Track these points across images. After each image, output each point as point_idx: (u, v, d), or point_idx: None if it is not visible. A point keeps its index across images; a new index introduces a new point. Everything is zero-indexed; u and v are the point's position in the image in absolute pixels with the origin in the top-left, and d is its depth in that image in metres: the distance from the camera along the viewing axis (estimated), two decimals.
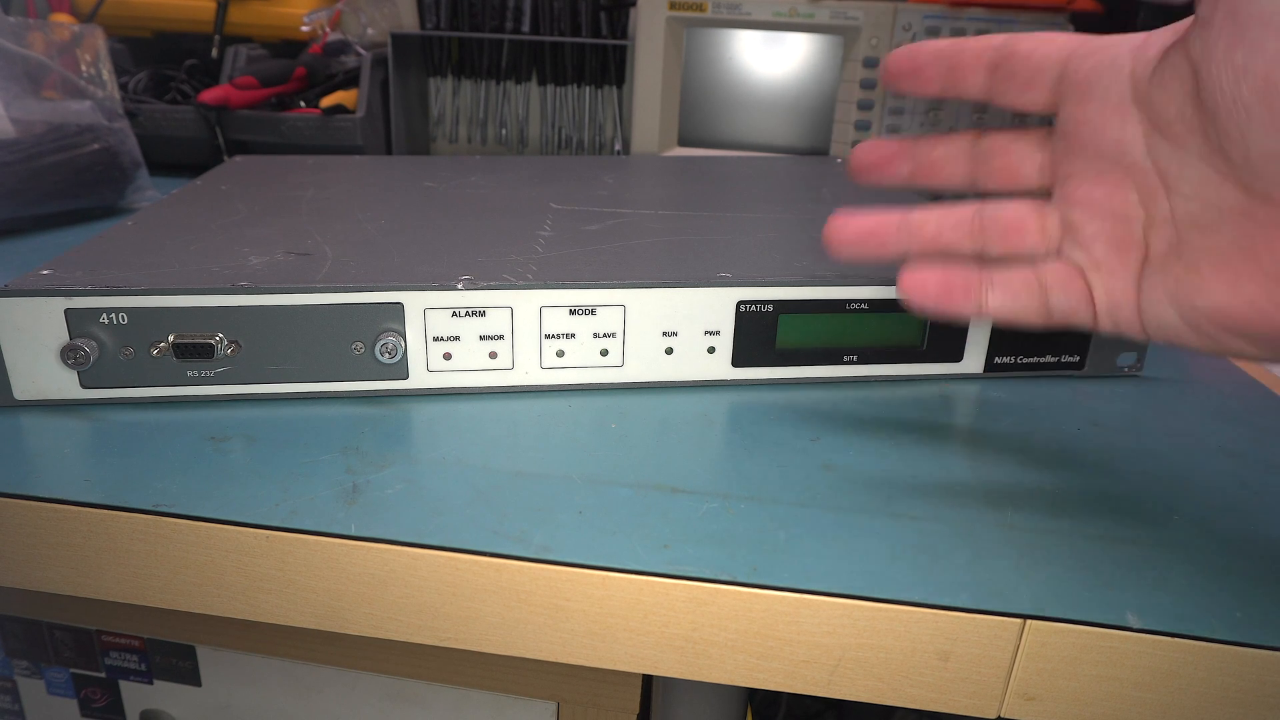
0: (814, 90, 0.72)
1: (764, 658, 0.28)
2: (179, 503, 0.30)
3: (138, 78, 0.78)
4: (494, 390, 0.38)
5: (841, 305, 0.39)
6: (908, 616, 0.27)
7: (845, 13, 0.67)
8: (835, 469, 0.33)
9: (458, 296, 0.36)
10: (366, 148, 0.74)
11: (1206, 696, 0.27)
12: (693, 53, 0.72)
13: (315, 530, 0.29)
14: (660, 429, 0.36)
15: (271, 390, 0.36)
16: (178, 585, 0.30)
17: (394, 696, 0.44)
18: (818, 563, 0.28)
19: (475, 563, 0.28)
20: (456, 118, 0.85)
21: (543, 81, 0.82)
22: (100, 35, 0.65)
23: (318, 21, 0.78)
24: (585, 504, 0.30)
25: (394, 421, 0.36)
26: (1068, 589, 0.27)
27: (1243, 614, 0.26)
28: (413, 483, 0.31)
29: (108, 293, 0.34)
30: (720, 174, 0.62)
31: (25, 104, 0.58)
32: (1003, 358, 0.41)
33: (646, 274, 0.38)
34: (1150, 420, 0.38)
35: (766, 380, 0.40)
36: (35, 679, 0.48)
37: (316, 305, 0.35)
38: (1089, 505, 0.31)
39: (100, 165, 0.60)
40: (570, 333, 0.37)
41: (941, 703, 0.28)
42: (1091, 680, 0.27)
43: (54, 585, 0.31)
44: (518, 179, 0.57)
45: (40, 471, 0.31)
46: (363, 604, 0.29)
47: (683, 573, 0.27)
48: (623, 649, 0.29)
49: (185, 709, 0.47)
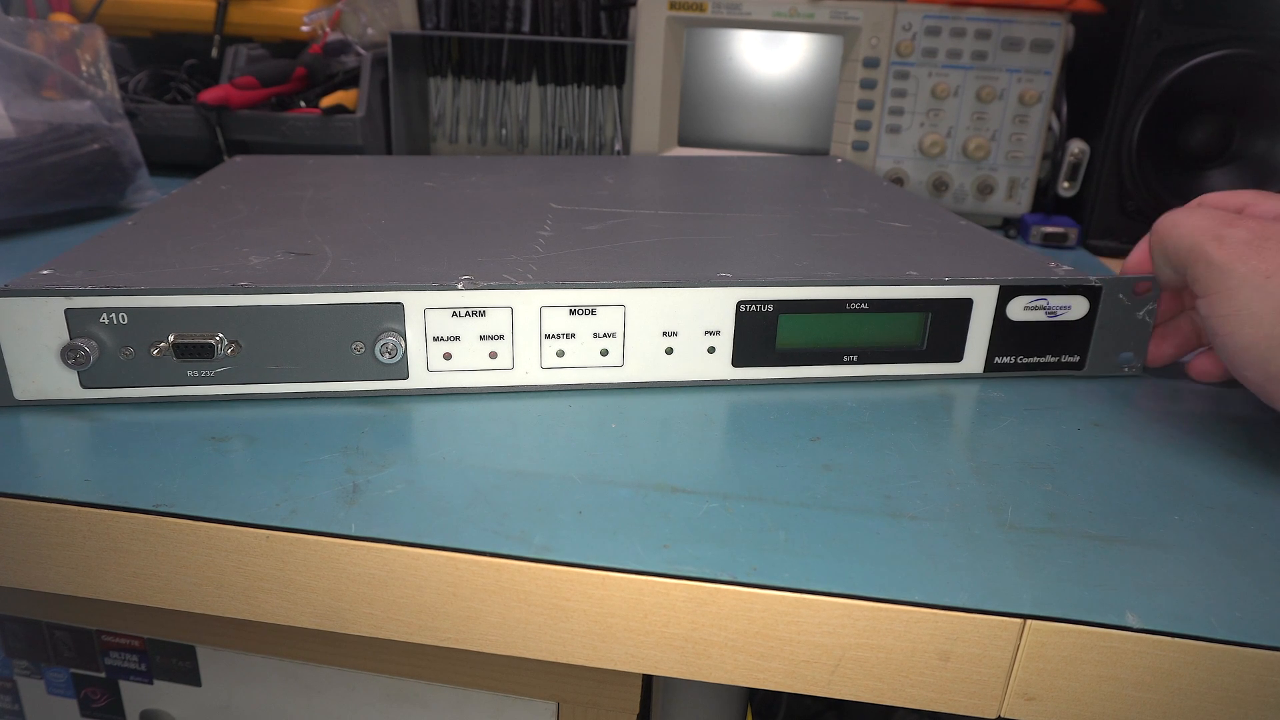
0: (814, 90, 0.72)
1: (764, 658, 0.28)
2: (179, 503, 0.30)
3: (138, 78, 0.78)
4: (494, 390, 0.38)
5: (841, 305, 0.39)
6: (908, 616, 0.27)
7: (845, 13, 0.67)
8: (835, 469, 0.33)
9: (458, 296, 0.36)
10: (366, 148, 0.74)
11: (1206, 696, 0.27)
12: (693, 53, 0.72)
13: (315, 530, 0.29)
14: (660, 429, 0.36)
15: (271, 390, 0.36)
16: (178, 585, 0.30)
17: (394, 696, 0.44)
18: (818, 563, 0.28)
19: (475, 563, 0.28)
20: (456, 118, 0.85)
21: (543, 81, 0.83)
22: (100, 35, 0.65)
23: (318, 21, 0.78)
24: (585, 504, 0.30)
25: (394, 421, 0.36)
26: (1068, 589, 0.27)
27: (1243, 614, 0.26)
28: (413, 483, 0.31)
29: (108, 293, 0.34)
30: (720, 174, 0.62)
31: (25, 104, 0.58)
32: (1003, 358, 0.41)
33: (646, 274, 0.38)
34: (1150, 420, 0.38)
35: (766, 380, 0.40)
36: (35, 679, 0.48)
37: (316, 305, 0.35)
38: (1089, 505, 0.31)
39: (100, 165, 0.60)
40: (570, 333, 0.37)
41: (941, 703, 0.28)
42: (1091, 680, 0.27)
43: (54, 585, 0.31)
44: (518, 179, 0.57)
45: (40, 471, 0.31)
46: (363, 604, 0.29)
47: (683, 573, 0.27)
48: (623, 649, 0.29)
49: (185, 709, 0.47)
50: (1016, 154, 0.69)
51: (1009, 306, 0.40)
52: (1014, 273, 0.40)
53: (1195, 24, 0.63)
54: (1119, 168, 0.68)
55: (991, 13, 0.66)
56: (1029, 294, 0.40)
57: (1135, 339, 0.41)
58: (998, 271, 0.40)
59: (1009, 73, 0.67)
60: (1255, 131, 0.67)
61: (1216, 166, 0.69)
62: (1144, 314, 0.41)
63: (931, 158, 0.70)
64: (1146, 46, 0.64)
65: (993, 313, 0.40)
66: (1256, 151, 0.68)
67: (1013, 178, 0.70)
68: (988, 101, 0.68)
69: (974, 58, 0.67)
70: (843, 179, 0.61)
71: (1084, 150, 0.68)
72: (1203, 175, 0.69)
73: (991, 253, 0.44)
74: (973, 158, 0.69)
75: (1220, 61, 0.64)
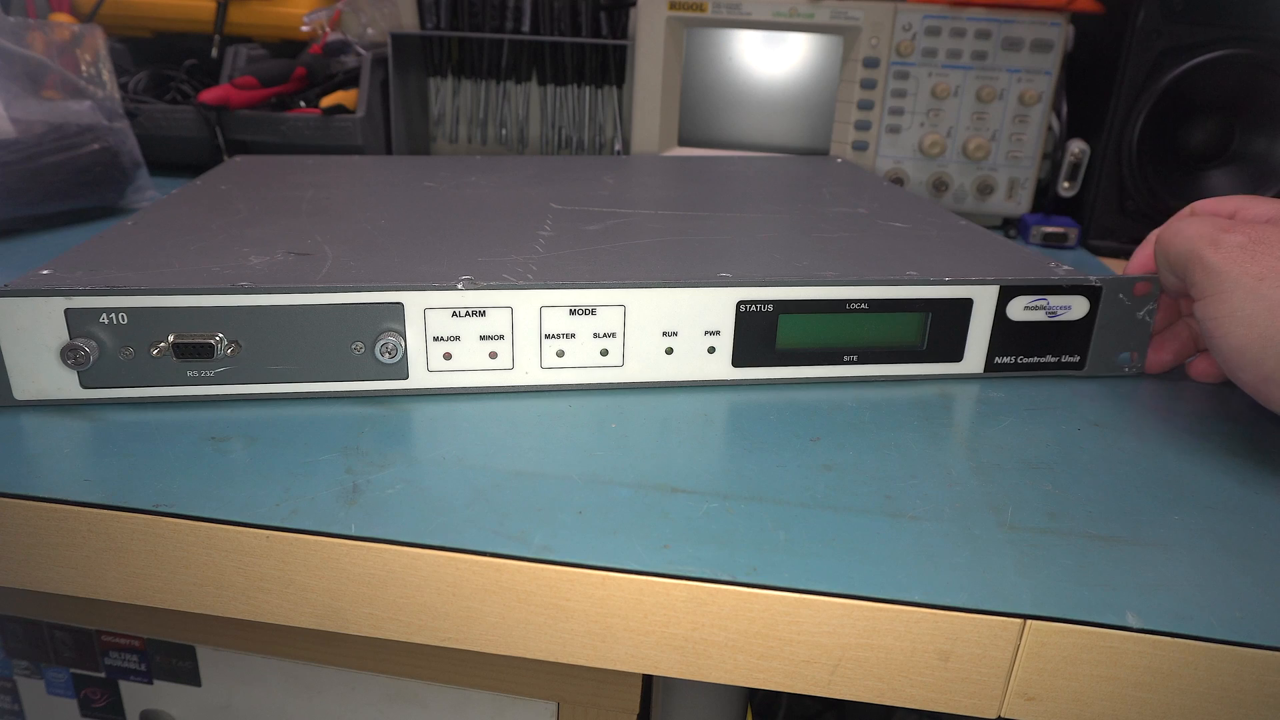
0: (814, 90, 0.72)
1: (764, 658, 0.28)
2: (179, 503, 0.30)
3: (138, 78, 0.78)
4: (494, 390, 0.38)
5: (841, 305, 0.39)
6: (908, 616, 0.27)
7: (845, 13, 0.67)
8: (835, 469, 0.33)
9: (458, 296, 0.36)
10: (366, 148, 0.74)
11: (1206, 696, 0.27)
12: (693, 53, 0.72)
13: (315, 530, 0.29)
14: (660, 429, 0.36)
15: (271, 390, 0.36)
16: (178, 585, 0.30)
17: (394, 696, 0.44)
18: (818, 563, 0.28)
19: (475, 563, 0.28)
20: (456, 118, 0.85)
21: (543, 81, 0.82)
22: (100, 35, 0.65)
23: (318, 21, 0.78)
24: (585, 504, 0.30)
25: (394, 421, 0.36)
26: (1068, 589, 0.27)
27: (1243, 614, 0.26)
28: (413, 483, 0.31)
29: (108, 293, 0.34)
30: (720, 174, 0.62)
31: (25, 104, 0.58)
32: (1003, 358, 0.41)
33: (646, 274, 0.38)
34: (1150, 420, 0.38)
35: (766, 380, 0.40)
36: (35, 679, 0.48)
37: (316, 305, 0.35)
38: (1089, 505, 0.31)
39: (100, 165, 0.60)
40: (570, 333, 0.37)
41: (941, 703, 0.28)
42: (1091, 680, 0.27)
43: (54, 585, 0.31)
44: (518, 179, 0.57)
45: (40, 471, 0.31)
46: (363, 604, 0.29)
47: (683, 573, 0.27)
48: (623, 649, 0.29)
49: (185, 709, 0.47)
50: (1016, 154, 0.69)
51: (1009, 307, 0.40)
52: (1014, 273, 0.40)
53: (1195, 24, 0.63)
54: (1119, 168, 0.68)
55: (991, 13, 0.66)
56: (1029, 294, 0.40)
57: (1135, 339, 0.42)
58: (998, 271, 0.40)
59: (1009, 73, 0.67)
60: (1255, 131, 0.67)
61: (1216, 166, 0.69)
62: (1144, 314, 0.41)
63: (931, 158, 0.70)
64: (1146, 46, 0.64)
65: (993, 313, 0.40)
66: (1256, 151, 0.68)
67: (1013, 178, 0.70)
68: (988, 101, 0.68)
69: (974, 58, 0.67)
70: (843, 179, 0.61)
71: (1084, 150, 0.68)
72: (1203, 175, 0.69)
73: (991, 253, 0.44)
74: (973, 158, 0.69)
75: (1220, 61, 0.64)
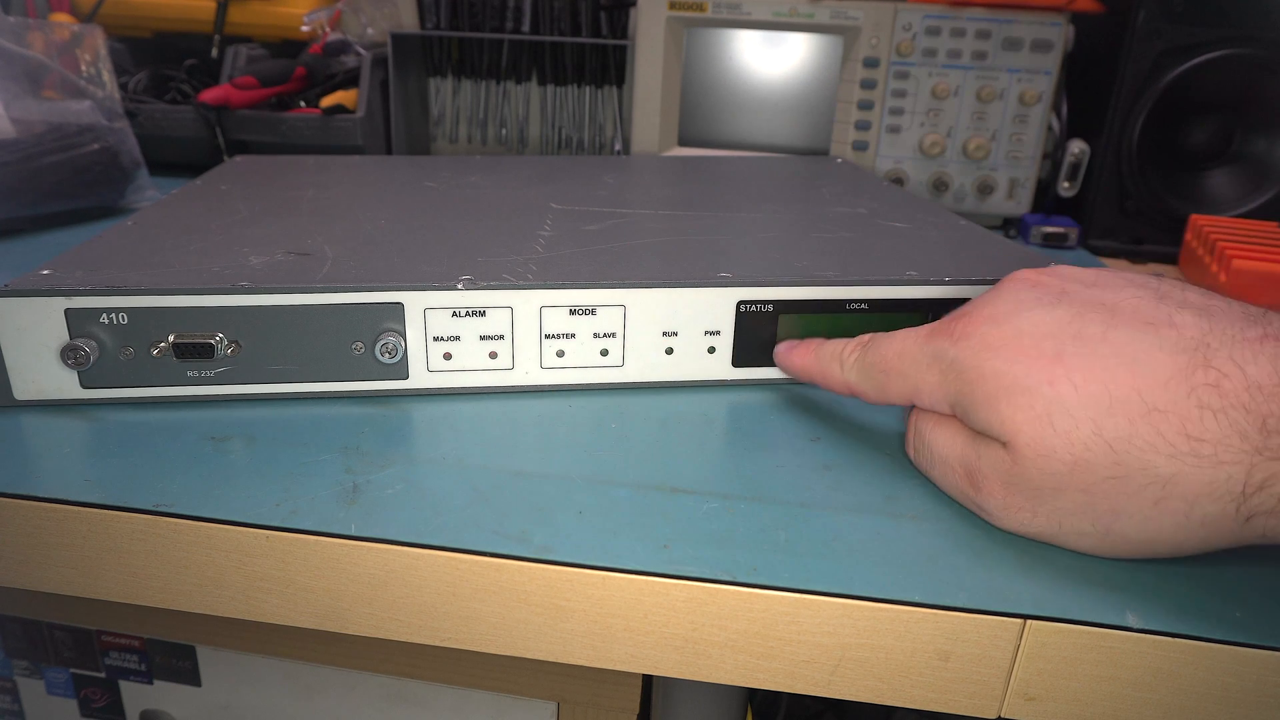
0: (814, 90, 0.72)
1: (764, 658, 0.28)
2: (179, 503, 0.30)
3: (138, 78, 0.78)
4: (494, 390, 0.38)
5: (841, 305, 0.39)
6: (908, 616, 0.27)
7: (845, 13, 0.67)
8: (835, 469, 0.33)
9: (458, 296, 0.36)
10: (366, 148, 0.74)
11: (1206, 696, 0.27)
12: (693, 53, 0.72)
13: (315, 530, 0.29)
14: (660, 429, 0.36)
15: (271, 390, 0.36)
16: (178, 585, 0.30)
17: (394, 696, 0.44)
18: (818, 563, 0.28)
19: (475, 563, 0.28)
20: (456, 118, 0.85)
21: (543, 81, 0.83)
22: (100, 35, 0.65)
23: (318, 21, 0.78)
24: (585, 504, 0.30)
25: (394, 421, 0.36)
26: (1068, 589, 0.27)
27: (1243, 614, 0.26)
28: (413, 483, 0.31)
29: (108, 293, 0.34)
30: (720, 174, 0.62)
31: (25, 104, 0.58)
32: None
33: (646, 274, 0.38)
34: None
35: (766, 380, 0.40)
36: (35, 679, 0.48)
37: (316, 305, 0.35)
38: None
39: (100, 165, 0.60)
40: (570, 333, 0.37)
41: (941, 703, 0.28)
42: (1091, 680, 0.27)
43: (54, 585, 0.31)
44: (518, 179, 0.57)
45: (40, 471, 0.31)
46: (363, 604, 0.29)
47: (683, 573, 0.27)
48: (623, 649, 0.29)
49: (185, 709, 0.47)
50: (1016, 154, 0.69)
51: None
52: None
53: (1195, 24, 0.63)
54: (1119, 168, 0.68)
55: (991, 13, 0.66)
56: None
57: None
58: (998, 272, 0.40)
59: (1009, 73, 0.67)
60: (1255, 131, 0.67)
61: (1216, 166, 0.69)
62: None
63: (931, 158, 0.70)
64: (1146, 46, 0.64)
65: None
66: (1256, 151, 0.68)
67: (1013, 178, 0.70)
68: (988, 101, 0.68)
69: (974, 58, 0.67)
70: (843, 179, 0.61)
71: (1084, 150, 0.68)
72: (1203, 175, 0.69)
73: (991, 253, 0.44)
74: (973, 158, 0.69)
75: (1220, 61, 0.64)
